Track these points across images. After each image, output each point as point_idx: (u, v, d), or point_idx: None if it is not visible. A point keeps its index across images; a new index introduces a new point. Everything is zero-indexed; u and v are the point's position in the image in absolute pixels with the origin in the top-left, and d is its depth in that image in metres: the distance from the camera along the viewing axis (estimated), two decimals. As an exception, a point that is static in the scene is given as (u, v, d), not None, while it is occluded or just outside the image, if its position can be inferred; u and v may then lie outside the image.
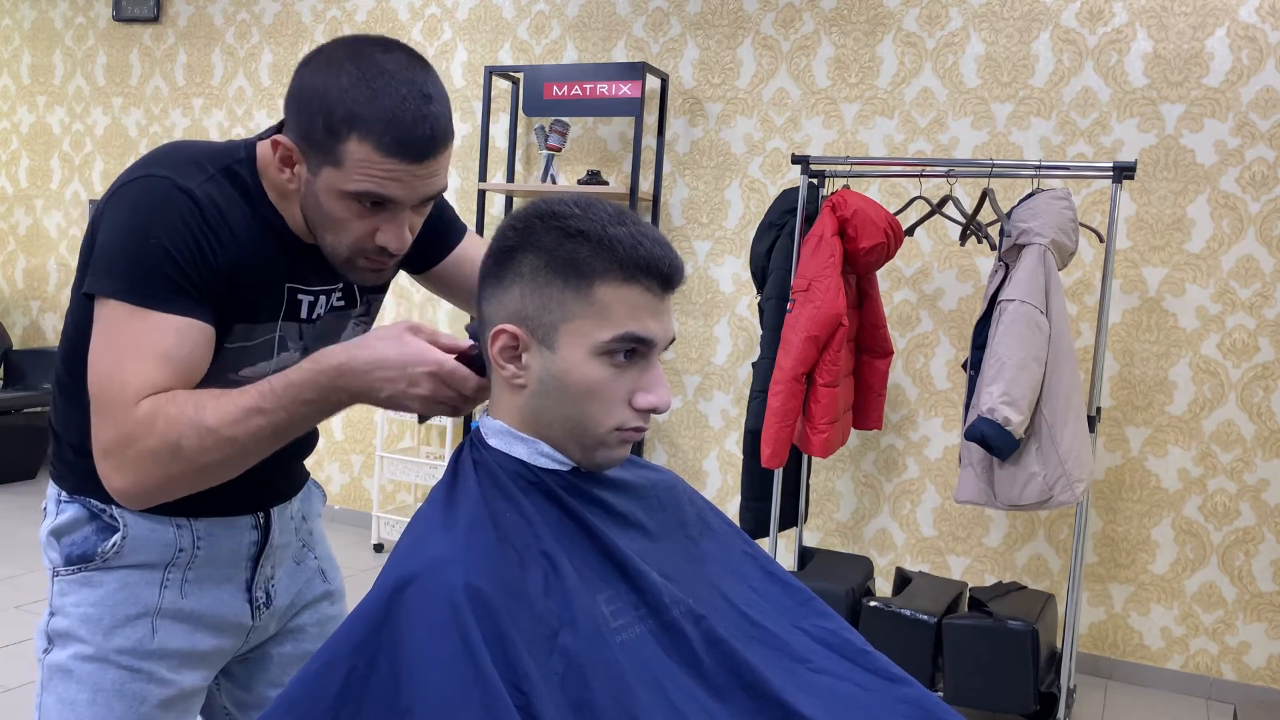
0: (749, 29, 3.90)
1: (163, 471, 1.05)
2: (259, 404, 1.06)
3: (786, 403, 2.97)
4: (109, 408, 1.06)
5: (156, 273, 1.07)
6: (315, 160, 1.10)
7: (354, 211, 1.11)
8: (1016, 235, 2.80)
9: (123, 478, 1.06)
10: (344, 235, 1.14)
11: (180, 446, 1.04)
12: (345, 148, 1.07)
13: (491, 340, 0.99)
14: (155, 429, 1.04)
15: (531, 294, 0.97)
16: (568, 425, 1.00)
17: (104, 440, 1.06)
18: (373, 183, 1.08)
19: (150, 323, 1.07)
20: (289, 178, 1.14)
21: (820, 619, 1.12)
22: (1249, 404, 3.27)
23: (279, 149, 1.12)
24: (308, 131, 1.09)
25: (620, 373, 0.98)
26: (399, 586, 0.89)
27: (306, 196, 1.14)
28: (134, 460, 1.05)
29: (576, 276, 0.96)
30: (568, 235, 0.96)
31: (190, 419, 1.05)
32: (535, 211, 1.00)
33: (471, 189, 4.39)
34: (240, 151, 1.18)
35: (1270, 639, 3.27)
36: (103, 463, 1.07)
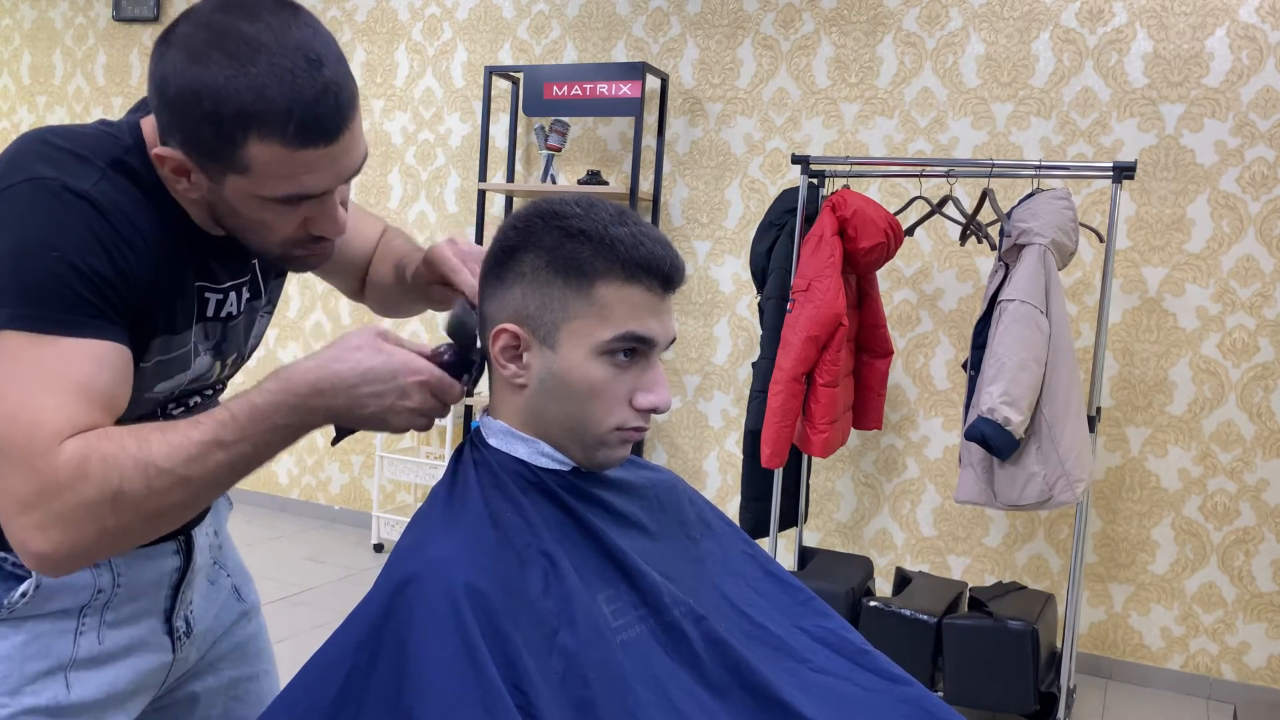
0: (749, 29, 3.90)
1: (98, 526, 0.86)
2: (217, 435, 0.90)
3: (786, 403, 2.97)
4: (19, 453, 0.85)
5: (63, 293, 0.89)
6: (215, 169, 0.94)
7: (277, 212, 0.98)
8: (1016, 235, 2.79)
9: (47, 539, 0.85)
10: (273, 235, 1.00)
11: (122, 492, 0.86)
12: (246, 153, 0.92)
13: (493, 340, 0.99)
14: (89, 474, 0.85)
15: (532, 293, 0.97)
16: (569, 425, 1.00)
17: (18, 494, 0.85)
18: (291, 183, 0.94)
19: (60, 350, 0.89)
20: (187, 187, 0.98)
21: (820, 619, 1.12)
22: (1249, 404, 3.27)
23: (166, 163, 0.96)
24: (196, 140, 0.92)
25: (621, 372, 0.98)
26: (399, 586, 0.89)
27: (215, 205, 0.99)
28: (61, 515, 0.85)
29: (578, 276, 0.96)
30: (569, 235, 0.96)
31: (134, 457, 0.87)
32: (536, 211, 1.00)
33: (471, 189, 4.39)
34: (125, 136, 0.99)
35: (1270, 639, 3.27)
36: (17, 522, 0.86)
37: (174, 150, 0.94)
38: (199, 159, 0.94)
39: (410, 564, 0.91)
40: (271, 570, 3.96)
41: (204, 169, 0.94)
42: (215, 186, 0.96)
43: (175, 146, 0.94)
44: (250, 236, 1.01)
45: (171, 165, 0.96)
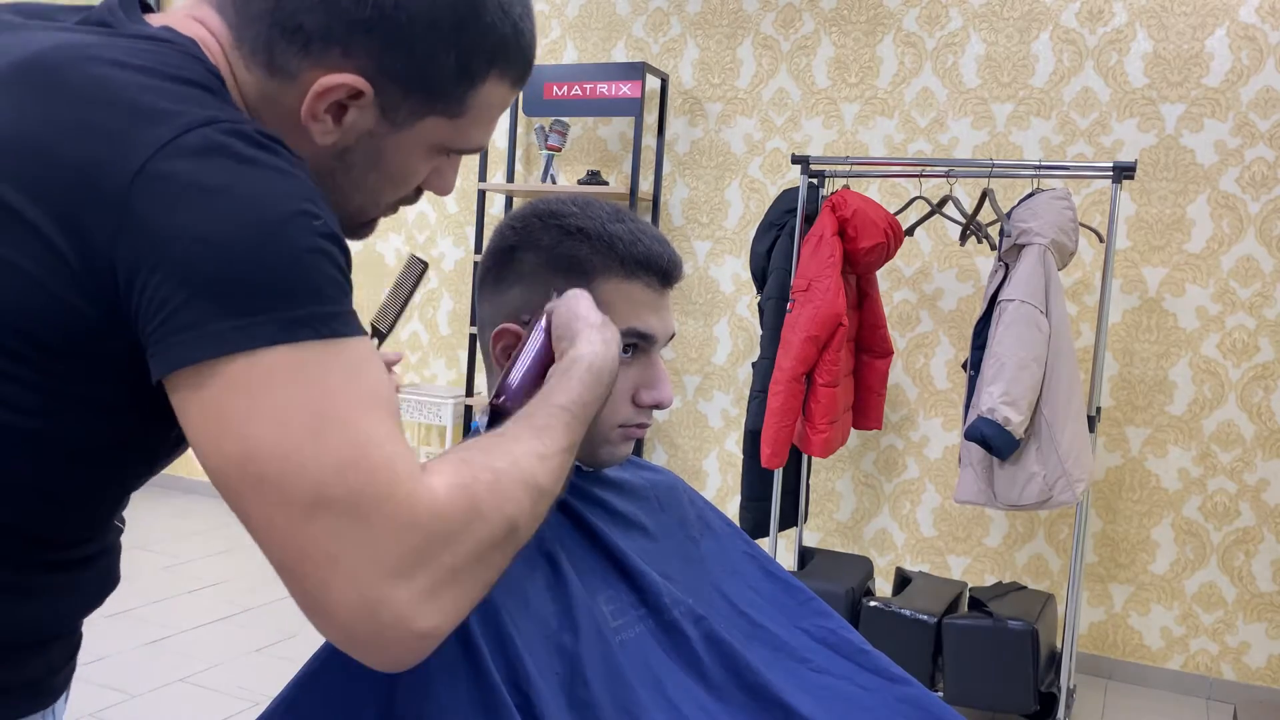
0: (749, 29, 3.90)
1: (491, 574, 0.69)
2: (571, 440, 0.78)
3: (786, 403, 2.97)
4: (386, 506, 0.63)
5: (335, 276, 0.67)
6: (415, 107, 0.76)
7: (430, 163, 0.81)
8: (1016, 235, 2.80)
9: (439, 608, 0.65)
10: (393, 191, 0.82)
11: (516, 524, 0.70)
12: (480, 91, 0.77)
13: (494, 340, 0.99)
14: (482, 509, 0.67)
15: (532, 293, 0.97)
16: None
17: (389, 560, 0.63)
18: (487, 130, 0.81)
19: (356, 362, 0.66)
20: (325, 130, 0.75)
21: (820, 618, 1.12)
22: (1249, 404, 3.27)
23: (333, 90, 0.73)
24: (418, 69, 0.74)
25: (623, 369, 0.98)
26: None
27: (352, 151, 0.78)
28: (455, 571, 0.65)
29: (577, 274, 0.96)
30: (567, 233, 0.96)
31: (517, 480, 0.70)
32: (533, 211, 1.00)
33: (471, 189, 4.39)
34: (206, 61, 0.72)
35: (1270, 639, 3.27)
36: (391, 598, 0.63)
37: (356, 77, 0.72)
38: (399, 89, 0.74)
39: None
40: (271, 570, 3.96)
41: (392, 103, 0.75)
42: (385, 130, 0.76)
43: (358, 74, 0.73)
44: (359, 196, 0.81)
45: (344, 94, 0.73)
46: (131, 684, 2.89)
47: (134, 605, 3.49)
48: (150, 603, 3.54)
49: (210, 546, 4.23)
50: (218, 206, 0.63)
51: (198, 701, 2.85)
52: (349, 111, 0.75)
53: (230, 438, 0.62)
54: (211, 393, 0.62)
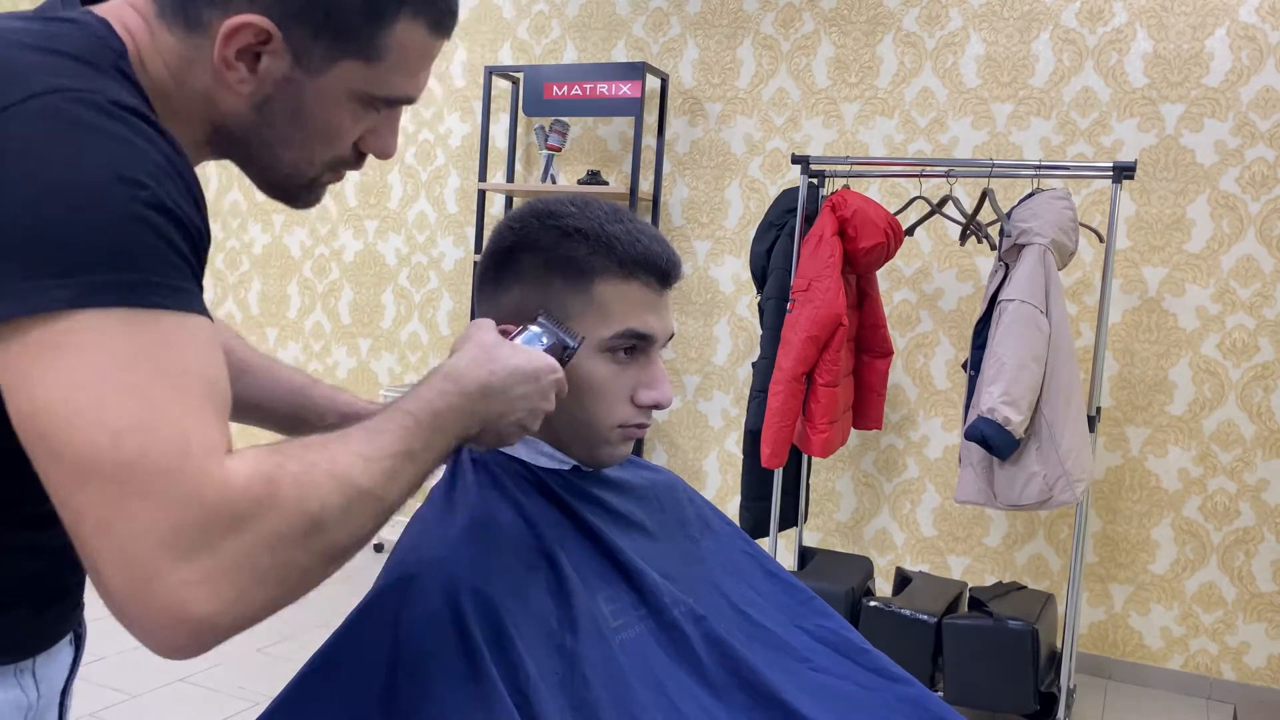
0: (749, 29, 3.90)
1: (284, 571, 0.64)
2: (408, 445, 0.73)
3: (786, 403, 2.97)
4: (168, 479, 0.60)
5: (158, 247, 0.64)
6: (326, 50, 0.74)
7: (356, 116, 0.79)
8: (1016, 235, 2.80)
9: (217, 595, 0.61)
10: (325, 148, 0.80)
11: (319, 523, 0.66)
12: (392, 32, 0.75)
13: None
14: (279, 499, 0.64)
15: (531, 293, 0.97)
16: (571, 423, 0.99)
17: (166, 536, 0.60)
18: (410, 80, 0.79)
19: (169, 332, 0.64)
20: (240, 78, 0.74)
21: (821, 618, 1.12)
22: (1249, 404, 3.27)
23: (240, 33, 0.72)
24: (325, 11, 0.73)
25: (622, 369, 0.98)
26: (398, 586, 0.88)
27: (271, 102, 0.76)
28: (239, 558, 0.62)
29: (576, 275, 0.96)
30: (566, 234, 0.96)
31: (330, 475, 0.67)
32: (532, 211, 1.00)
33: (471, 189, 4.39)
34: (109, 37, 0.73)
35: (1270, 639, 3.27)
36: (167, 577, 0.60)
37: (260, 18, 0.72)
38: (308, 31, 0.73)
39: (409, 564, 0.90)
40: (271, 570, 3.96)
41: (303, 48, 0.74)
42: (300, 74, 0.75)
43: (264, 15, 0.72)
44: (292, 149, 0.79)
45: (250, 38, 0.73)
46: (131, 684, 2.89)
47: (134, 605, 3.49)
48: (150, 603, 3.54)
49: (210, 546, 4.22)
50: (34, 168, 0.62)
51: (198, 701, 2.85)
52: (262, 59, 0.74)
53: (24, 396, 0.62)
54: (12, 352, 0.61)
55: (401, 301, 4.58)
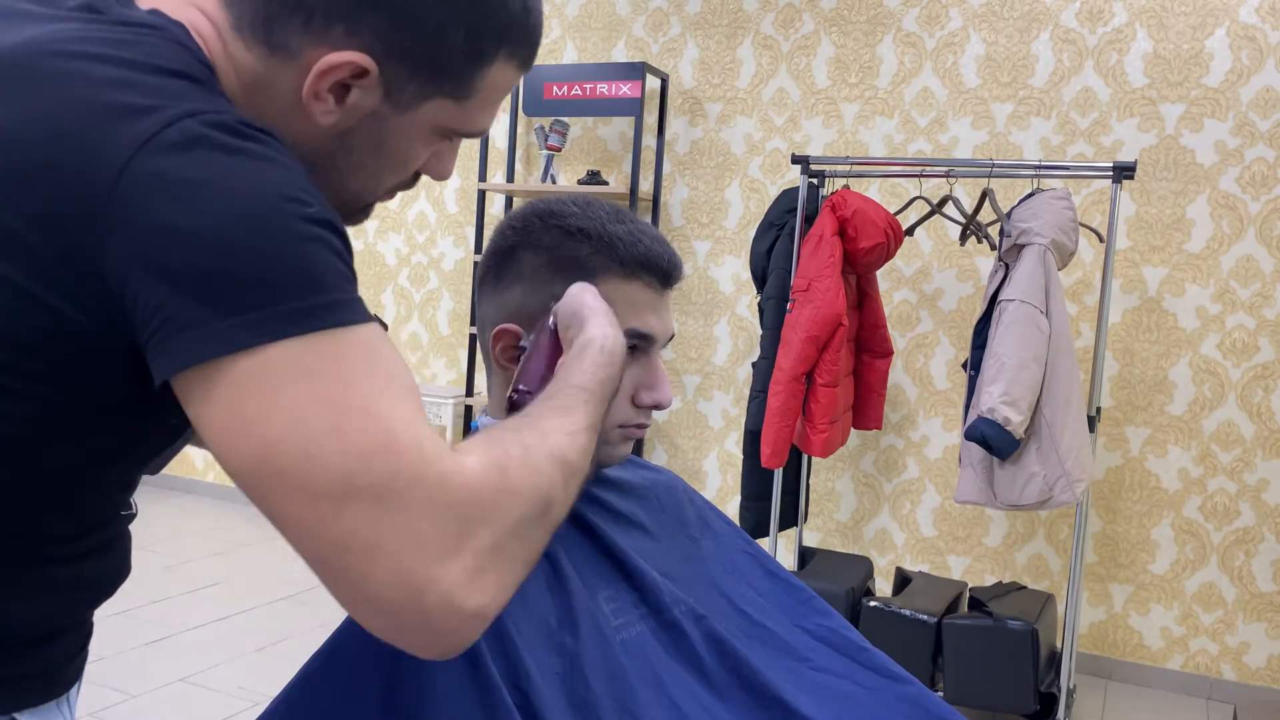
0: (749, 29, 3.90)
1: (531, 552, 0.67)
2: (592, 419, 0.76)
3: (786, 403, 2.97)
4: (419, 485, 0.61)
5: (334, 264, 0.64)
6: (421, 88, 0.73)
7: (428, 146, 0.79)
8: (1016, 235, 2.80)
9: (483, 588, 0.63)
10: (393, 176, 0.80)
11: (550, 499, 0.68)
12: (488, 72, 0.75)
13: (493, 340, 0.99)
14: (514, 484, 0.65)
15: (532, 293, 0.97)
16: None
17: (430, 539, 0.61)
18: (490, 112, 0.79)
19: (368, 347, 0.64)
20: (327, 110, 0.73)
21: (821, 617, 1.12)
22: (1249, 404, 3.28)
23: (337, 70, 0.70)
24: (427, 51, 0.72)
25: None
26: None
27: (353, 133, 0.75)
28: (495, 549, 0.63)
29: (577, 274, 0.96)
30: (568, 234, 0.97)
31: (548, 454, 0.69)
32: (534, 211, 1.00)
33: (471, 189, 4.39)
34: (196, 49, 0.71)
35: (1270, 639, 3.27)
36: (439, 579, 0.61)
37: (362, 56, 0.70)
38: (404, 70, 0.72)
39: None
40: (271, 570, 3.96)
41: (396, 84, 0.73)
42: (389, 111, 0.74)
43: (365, 53, 0.70)
44: (355, 182, 0.79)
45: (346, 75, 0.71)
46: (131, 684, 2.89)
47: (134, 605, 3.49)
48: (150, 603, 3.54)
49: (210, 546, 4.23)
50: (204, 200, 0.60)
51: (198, 701, 2.85)
52: (352, 91, 0.72)
53: (247, 438, 0.60)
54: (222, 393, 0.60)
55: (401, 301, 4.58)
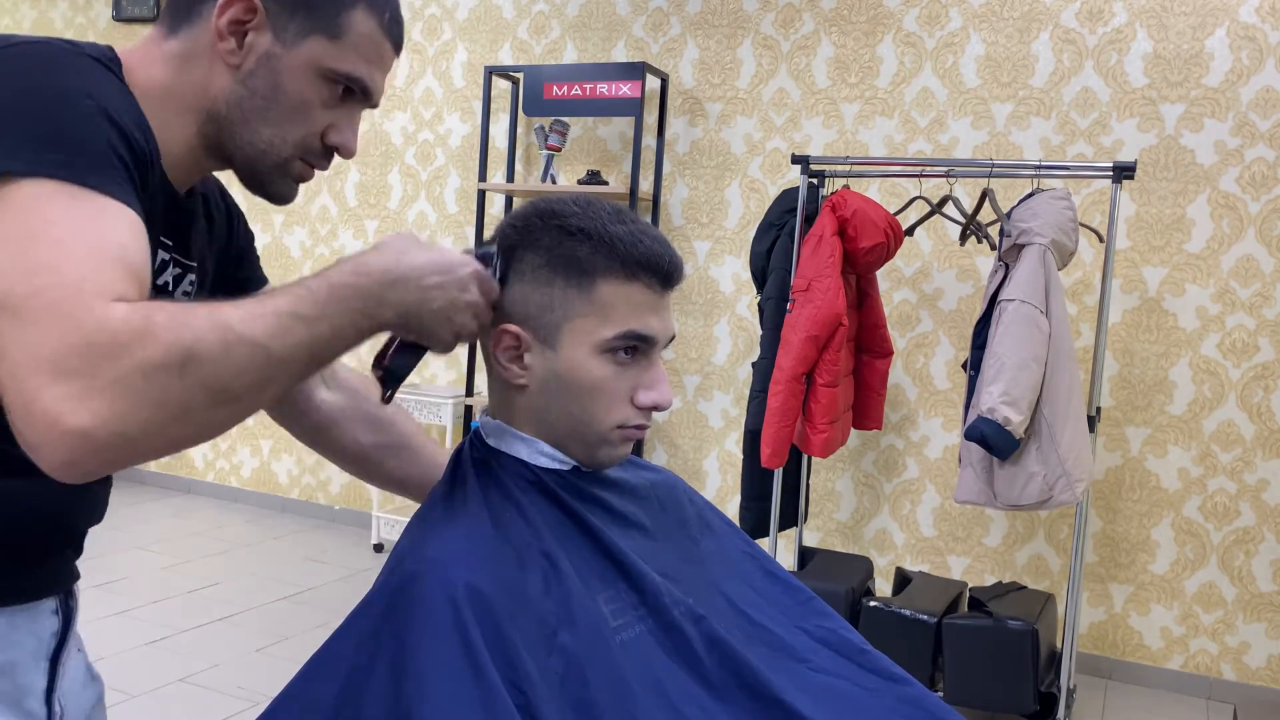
0: (749, 29, 3.90)
1: (158, 397, 0.69)
2: (296, 308, 0.78)
3: (786, 402, 2.97)
4: (58, 308, 0.68)
5: (100, 146, 0.77)
6: (300, 25, 0.90)
7: (323, 98, 0.93)
8: (1016, 235, 2.80)
9: (89, 410, 0.67)
10: (295, 127, 0.93)
11: (194, 355, 0.70)
12: (352, 16, 0.91)
13: (494, 342, 0.99)
14: (153, 330, 0.69)
15: (533, 293, 0.97)
16: (571, 423, 0.99)
17: (50, 356, 0.67)
18: (365, 66, 0.93)
19: (98, 208, 0.74)
20: (231, 49, 0.89)
21: (820, 619, 1.12)
22: (1249, 404, 3.27)
23: (234, 6, 0.88)
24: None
25: (623, 370, 0.98)
26: (399, 586, 0.88)
27: (254, 75, 0.90)
28: (114, 380, 0.67)
29: (578, 275, 0.96)
30: (569, 234, 0.96)
31: (208, 319, 0.73)
32: (534, 211, 1.00)
33: (471, 189, 4.39)
34: (102, 48, 0.90)
35: (1270, 639, 3.27)
36: (46, 392, 0.66)
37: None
38: (285, 8, 0.89)
39: (410, 564, 0.90)
40: (271, 570, 3.96)
41: (281, 24, 0.89)
42: (279, 49, 0.90)
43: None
44: (267, 125, 0.92)
45: (240, 12, 0.89)
46: (131, 684, 2.89)
47: (134, 605, 3.49)
48: (150, 603, 3.54)
49: (210, 546, 4.23)
50: (15, 78, 0.77)
51: (198, 701, 2.85)
52: (248, 34, 0.89)
53: None
54: None
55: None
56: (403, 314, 0.86)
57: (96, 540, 3.83)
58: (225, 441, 5.04)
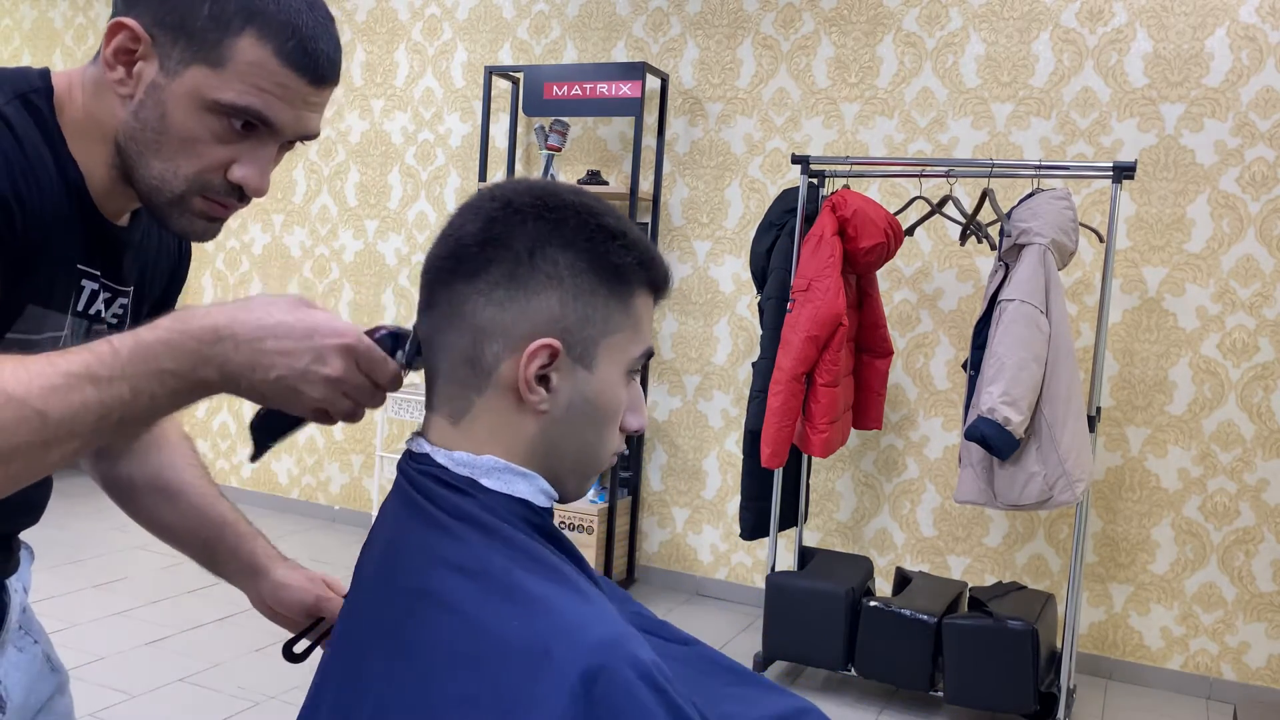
0: (749, 29, 3.90)
1: None
2: (89, 368, 0.72)
3: (786, 402, 2.97)
4: None
5: None
6: (182, 54, 0.85)
7: (214, 131, 0.87)
8: (1016, 235, 2.80)
9: None
10: (188, 162, 0.88)
11: None
12: (236, 44, 0.85)
13: (527, 358, 0.79)
14: None
15: (573, 302, 0.80)
16: (579, 454, 0.84)
17: None
18: (258, 97, 0.86)
19: None
20: (120, 79, 0.87)
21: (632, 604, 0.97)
22: (1249, 404, 3.27)
23: (120, 33, 0.86)
24: (180, 16, 0.85)
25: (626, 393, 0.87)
26: (584, 686, 0.68)
27: (144, 106, 0.88)
28: None
29: (621, 285, 0.82)
30: (612, 235, 0.82)
31: None
32: (564, 201, 0.82)
33: (471, 189, 4.39)
34: (35, 79, 0.90)
35: (1270, 639, 3.27)
36: None
37: (133, 21, 0.86)
38: (169, 37, 0.86)
39: (573, 653, 0.69)
40: (271, 570, 3.96)
41: (166, 53, 0.86)
42: (163, 80, 0.86)
43: (144, 23, 0.86)
44: (158, 159, 0.89)
45: (125, 40, 0.86)
46: (131, 684, 2.89)
47: (134, 605, 3.49)
48: (150, 603, 3.54)
49: (210, 546, 4.23)
50: None
51: (198, 701, 2.85)
52: (136, 63, 0.87)
53: None
54: None
55: (402, 301, 4.58)
56: (230, 376, 0.77)
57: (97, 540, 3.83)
58: (225, 442, 5.04)
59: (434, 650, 0.72)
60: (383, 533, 0.84)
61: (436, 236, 0.83)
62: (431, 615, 0.74)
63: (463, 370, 0.81)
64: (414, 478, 0.82)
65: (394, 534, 0.82)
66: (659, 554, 4.11)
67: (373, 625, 0.78)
